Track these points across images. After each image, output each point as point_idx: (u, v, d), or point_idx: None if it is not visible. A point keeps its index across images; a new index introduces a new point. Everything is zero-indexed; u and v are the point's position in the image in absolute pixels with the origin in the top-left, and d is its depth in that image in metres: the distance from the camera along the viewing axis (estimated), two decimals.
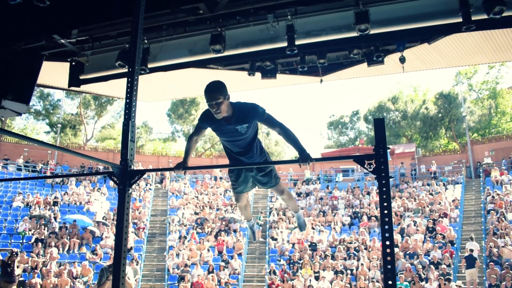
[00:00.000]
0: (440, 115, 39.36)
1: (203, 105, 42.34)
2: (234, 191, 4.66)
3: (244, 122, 3.82)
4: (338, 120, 49.34)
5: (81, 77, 9.06)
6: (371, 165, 3.08)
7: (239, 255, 19.07)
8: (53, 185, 24.80)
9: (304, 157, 3.59)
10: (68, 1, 6.43)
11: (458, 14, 6.31)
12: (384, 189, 2.97)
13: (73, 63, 9.24)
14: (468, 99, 39.84)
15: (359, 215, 21.89)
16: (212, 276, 16.98)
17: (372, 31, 6.67)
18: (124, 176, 3.74)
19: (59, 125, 34.36)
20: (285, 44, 7.15)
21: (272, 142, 48.33)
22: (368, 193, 24.11)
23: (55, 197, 22.74)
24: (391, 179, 26.71)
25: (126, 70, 8.28)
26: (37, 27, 7.14)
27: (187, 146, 4.19)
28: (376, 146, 3.05)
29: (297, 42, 7.15)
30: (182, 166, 3.94)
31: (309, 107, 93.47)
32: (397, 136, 43.38)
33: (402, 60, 8.32)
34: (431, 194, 23.20)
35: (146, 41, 7.98)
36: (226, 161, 4.68)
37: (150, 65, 8.18)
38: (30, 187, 24.25)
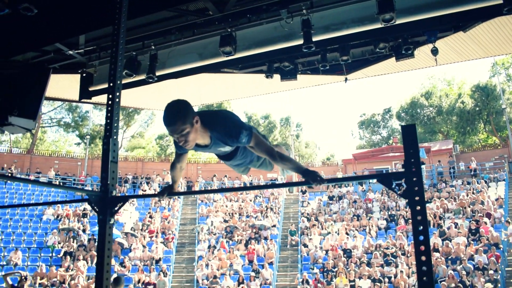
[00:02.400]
0: (477, 108, 37.56)
1: (230, 110, 41.98)
2: None
3: (225, 145, 3.02)
4: (370, 118, 47.92)
5: (90, 89, 8.65)
6: (401, 186, 2.38)
7: (270, 264, 18.39)
8: (83, 197, 24.79)
9: (313, 176, 2.73)
10: (52, 11, 5.96)
11: None
12: (420, 217, 2.27)
13: (84, 75, 8.90)
14: (507, 90, 37.85)
15: (395, 218, 20.81)
16: (242, 287, 16.38)
17: (398, 21, 5.92)
18: (104, 204, 3.17)
19: (88, 136, 34.67)
20: (302, 41, 6.50)
21: (302, 145, 47.51)
22: None
23: (84, 209, 22.71)
24: (427, 179, 25.49)
25: (133, 79, 7.93)
26: (23, 39, 6.70)
27: (171, 174, 3.42)
28: (406, 162, 2.35)
29: (315, 38, 6.49)
30: (167, 191, 3.30)
31: (339, 107, 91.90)
32: (432, 133, 41.74)
33: (435, 51, 7.51)
34: (472, 193, 21.86)
35: (153, 47, 7.51)
36: None
37: (159, 73, 7.67)
38: (61, 199, 24.34)
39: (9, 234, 19.75)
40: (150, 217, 22.89)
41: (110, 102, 3.50)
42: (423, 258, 2.22)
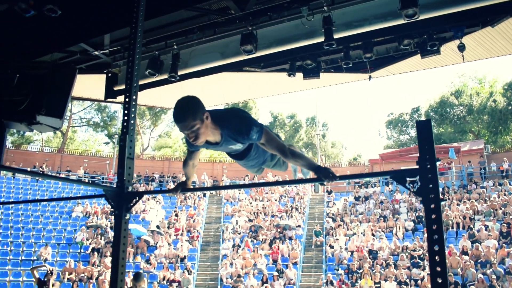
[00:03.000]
0: (510, 107, 36.45)
1: (256, 110, 42.07)
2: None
3: (236, 142, 2.98)
4: (398, 118, 47.06)
5: (115, 88, 8.79)
6: (415, 184, 2.31)
7: (294, 264, 18.30)
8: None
9: (325, 173, 2.66)
10: (75, 12, 6.08)
11: None
12: (434, 216, 2.19)
13: (109, 75, 9.06)
14: None
15: (423, 219, 20.36)
16: (266, 286, 16.35)
17: (422, 17, 5.77)
18: (120, 199, 3.21)
19: (116, 136, 35.37)
20: (323, 38, 6.42)
21: (328, 145, 47.11)
22: None
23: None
24: (457, 180, 24.86)
25: (156, 79, 8.02)
26: (48, 40, 6.86)
27: (184, 171, 3.45)
28: (420, 159, 2.28)
29: (337, 36, 6.39)
30: (181, 187, 3.31)
31: (366, 106, 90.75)
32: (462, 133, 40.68)
33: (461, 48, 7.29)
34: (504, 194, 21.19)
35: (175, 47, 7.56)
36: None
37: (181, 72, 7.72)
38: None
39: (40, 230, 20.35)
40: (176, 215, 23.13)
41: (127, 100, 3.55)
42: (437, 258, 2.15)
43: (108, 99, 9.43)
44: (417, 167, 2.29)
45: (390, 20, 6.05)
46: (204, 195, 26.27)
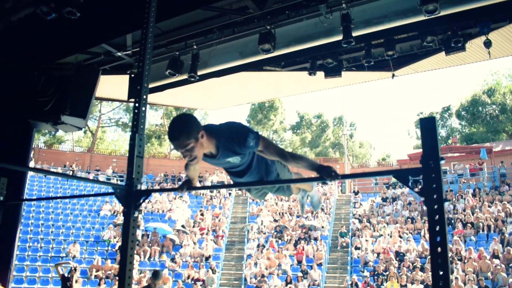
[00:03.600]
0: None
1: (282, 110, 41.97)
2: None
3: (233, 154, 2.95)
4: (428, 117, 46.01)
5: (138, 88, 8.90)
6: (418, 183, 2.23)
7: (319, 265, 18.14)
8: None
9: (327, 171, 2.61)
10: (93, 14, 6.19)
11: None
12: (437, 217, 2.11)
13: (132, 75, 9.19)
14: None
15: (452, 221, 19.83)
16: (290, 287, 16.27)
17: (445, 12, 5.61)
18: (129, 197, 3.24)
19: (145, 136, 35.93)
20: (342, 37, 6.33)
21: (355, 145, 46.55)
22: (463, 197, 21.84)
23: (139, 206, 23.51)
24: (489, 181, 24.11)
25: (176, 79, 8.09)
26: (70, 41, 7.02)
27: (187, 173, 3.44)
28: (423, 157, 2.20)
29: (356, 33, 6.30)
30: (187, 186, 3.31)
31: (395, 105, 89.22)
32: (495, 132, 39.44)
33: (488, 44, 7.05)
34: None
35: (195, 47, 7.61)
36: None
37: (201, 72, 7.77)
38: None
39: (69, 228, 20.89)
40: (202, 214, 23.31)
41: (137, 100, 3.59)
42: (440, 260, 2.07)
43: (131, 99, 9.58)
44: (421, 166, 2.21)
45: (410, 16, 5.91)
46: (230, 194, 26.40)
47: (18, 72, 7.93)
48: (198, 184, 3.53)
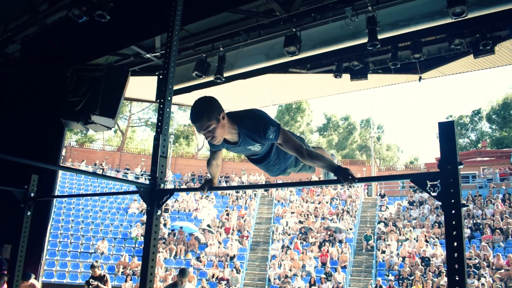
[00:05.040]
0: None
1: (309, 111, 41.80)
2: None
3: (254, 142, 2.94)
4: (457, 121, 45.02)
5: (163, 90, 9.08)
6: (436, 188, 2.25)
7: (344, 267, 18.01)
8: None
9: (344, 174, 2.60)
10: (122, 18, 6.36)
11: None
12: (454, 222, 2.12)
13: (160, 76, 9.38)
14: None
15: (481, 227, 19.37)
16: None
17: (473, 15, 5.54)
18: (152, 196, 3.34)
19: (173, 136, 36.42)
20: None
21: (383, 147, 45.93)
22: (492, 202, 21.30)
23: (166, 204, 23.89)
24: None
25: (203, 80, 8.22)
26: (100, 43, 7.23)
27: (209, 171, 3.48)
28: (441, 161, 2.21)
29: (382, 36, 6.28)
30: (208, 185, 3.39)
31: (423, 108, 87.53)
32: None
33: None
34: None
35: (221, 49, 7.72)
36: None
37: (227, 74, 7.88)
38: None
39: (98, 225, 21.42)
40: (227, 214, 23.49)
41: (162, 100, 3.70)
42: (456, 266, 2.08)
43: (159, 100, 9.78)
44: (438, 170, 2.22)
45: (437, 19, 5.86)
46: (255, 195, 26.50)
47: (51, 73, 8.23)
48: (221, 184, 3.61)
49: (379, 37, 6.19)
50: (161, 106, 3.66)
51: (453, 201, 2.16)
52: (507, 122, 38.67)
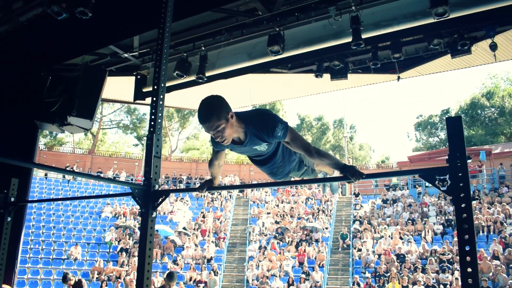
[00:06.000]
0: None
1: (283, 112, 42.01)
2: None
3: (261, 142, 2.92)
4: (427, 120, 46.20)
5: (144, 90, 8.94)
6: (445, 182, 2.27)
7: (321, 266, 18.16)
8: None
9: (352, 171, 2.64)
10: (105, 15, 6.20)
11: None
12: (465, 215, 2.15)
13: (138, 77, 9.21)
14: None
15: (452, 223, 19.88)
16: None
17: (453, 15, 5.65)
18: (147, 197, 3.26)
19: (145, 138, 35.81)
20: (351, 39, 6.37)
21: (355, 147, 46.62)
22: None
23: None
24: (488, 183, 24.20)
25: (183, 80, 8.11)
26: (78, 42, 7.04)
27: (210, 171, 3.44)
28: (450, 156, 2.24)
29: (365, 35, 6.33)
30: (207, 185, 3.31)
31: (394, 108, 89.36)
32: (494, 135, 39.61)
33: (493, 47, 7.10)
34: None
35: (203, 48, 7.64)
36: None
37: (208, 73, 7.80)
38: (119, 198, 25.32)
39: (70, 230, 20.87)
40: (203, 216, 23.33)
41: (154, 100, 3.62)
42: (468, 258, 2.10)
43: (137, 101, 9.60)
44: (447, 165, 2.25)
45: (419, 19, 5.95)
46: (231, 196, 26.43)
47: (25, 73, 7.94)
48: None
49: (362, 36, 6.25)
50: (154, 105, 3.58)
51: (463, 195, 2.19)
52: (474, 121, 39.92)
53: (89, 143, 41.41)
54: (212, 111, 2.63)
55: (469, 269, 2.10)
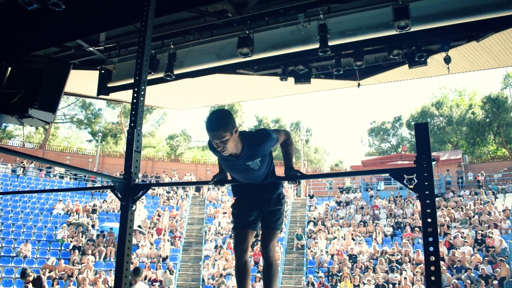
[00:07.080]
0: (488, 120, 37.57)
1: (241, 113, 42.25)
2: (233, 226, 3.78)
3: (256, 157, 3.17)
4: (380, 126, 47.94)
5: (108, 85, 8.87)
6: (412, 181, 2.54)
7: None
8: (93, 193, 25.15)
9: (291, 174, 3.26)
10: (78, 7, 6.15)
11: (511, 6, 5.63)
12: (429, 210, 2.42)
13: (102, 71, 9.12)
14: None
15: (402, 225, 20.84)
16: None
17: (413, 29, 6.06)
18: (127, 191, 3.36)
19: (100, 134, 35.00)
20: (318, 45, 6.65)
21: (311, 150, 47.55)
22: (411, 202, 22.96)
23: (94, 205, 23.04)
24: (436, 189, 25.45)
25: (151, 77, 8.14)
26: (47, 34, 6.92)
27: (220, 164, 3.57)
28: (417, 158, 2.51)
29: (331, 43, 6.63)
30: (217, 177, 3.49)
31: (349, 113, 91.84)
32: (442, 143, 41.67)
33: (447, 60, 7.61)
34: (480, 203, 21.82)
35: (172, 46, 7.70)
36: None
37: (176, 71, 7.87)
38: (71, 195, 24.67)
39: (20, 227, 20.08)
40: (159, 215, 23.13)
41: (135, 95, 3.70)
42: (431, 248, 2.37)
43: (101, 96, 9.49)
44: (415, 165, 2.51)
45: (382, 30, 6.32)
46: (187, 196, 26.34)
47: None
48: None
49: (329, 44, 6.55)
50: (135, 100, 3.66)
51: (427, 192, 2.46)
52: None
53: (40, 137, 39.95)
54: (221, 123, 2.91)
55: (433, 258, 2.37)
